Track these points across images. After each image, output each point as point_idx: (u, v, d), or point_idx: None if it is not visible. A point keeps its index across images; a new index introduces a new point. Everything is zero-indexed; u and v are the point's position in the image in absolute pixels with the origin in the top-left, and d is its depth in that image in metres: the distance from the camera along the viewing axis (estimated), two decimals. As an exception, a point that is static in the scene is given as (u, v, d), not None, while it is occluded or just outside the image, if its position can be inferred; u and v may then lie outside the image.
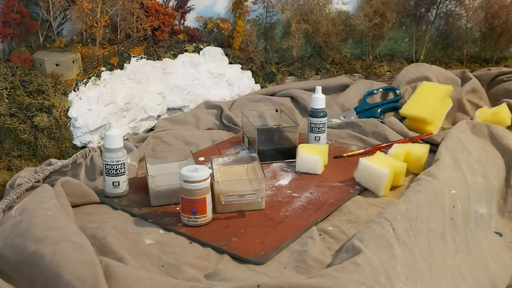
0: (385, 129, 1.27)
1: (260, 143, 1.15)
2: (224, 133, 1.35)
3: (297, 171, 1.10)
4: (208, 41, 1.60)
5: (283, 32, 1.66)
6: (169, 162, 1.05)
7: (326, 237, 0.86)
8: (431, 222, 0.90)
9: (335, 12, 1.63)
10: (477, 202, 1.03)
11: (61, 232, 0.76)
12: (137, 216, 0.93)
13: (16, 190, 0.94)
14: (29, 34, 1.40)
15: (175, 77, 1.47)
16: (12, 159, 1.25)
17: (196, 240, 0.85)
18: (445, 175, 0.98)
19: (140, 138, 1.28)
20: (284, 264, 0.78)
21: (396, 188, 1.02)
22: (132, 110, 1.34)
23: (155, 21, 1.51)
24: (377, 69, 1.64)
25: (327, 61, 1.64)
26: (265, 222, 0.90)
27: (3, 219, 0.85)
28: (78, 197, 0.96)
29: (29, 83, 1.26)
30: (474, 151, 1.11)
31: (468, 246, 1.00)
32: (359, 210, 0.94)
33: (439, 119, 1.33)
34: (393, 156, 1.07)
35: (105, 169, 0.97)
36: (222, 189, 0.91)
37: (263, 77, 1.61)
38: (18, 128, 1.24)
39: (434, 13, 1.67)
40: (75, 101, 1.27)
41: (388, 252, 0.77)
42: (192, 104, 1.47)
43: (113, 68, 1.39)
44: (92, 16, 1.39)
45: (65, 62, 1.30)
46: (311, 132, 1.21)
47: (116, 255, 0.77)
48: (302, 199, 0.98)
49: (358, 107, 1.42)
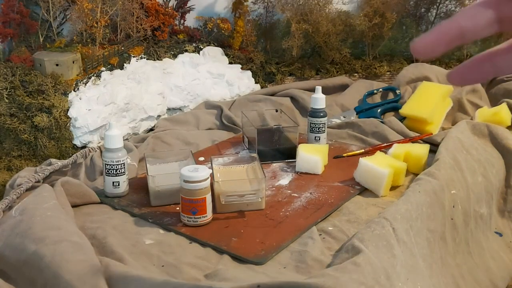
0: (385, 129, 1.27)
1: (260, 143, 1.15)
2: (224, 133, 1.35)
3: (297, 171, 1.10)
4: (208, 41, 1.60)
5: (283, 32, 1.66)
6: (169, 162, 1.05)
7: (326, 237, 0.86)
8: (431, 222, 0.90)
9: (335, 12, 1.63)
10: (477, 202, 1.03)
11: (61, 232, 0.76)
12: (137, 216, 0.93)
13: (16, 190, 0.94)
14: (29, 34, 1.40)
15: (175, 77, 1.47)
16: (12, 159, 1.25)
17: (196, 240, 0.85)
18: (445, 175, 0.98)
19: (140, 138, 1.28)
20: (284, 264, 0.78)
21: (396, 188, 1.02)
22: (132, 110, 1.34)
23: (155, 21, 1.51)
24: (377, 69, 1.64)
25: (327, 61, 1.64)
26: (265, 222, 0.90)
27: (3, 219, 0.85)
28: (78, 197, 0.96)
29: (29, 83, 1.26)
30: (474, 151, 1.11)
31: (468, 246, 1.00)
32: (359, 210, 0.94)
33: (439, 119, 1.33)
34: (393, 156, 1.06)
35: (105, 169, 0.97)
36: (222, 189, 0.91)
37: (263, 77, 1.61)
38: (18, 128, 1.24)
39: (434, 13, 1.67)
40: (75, 101, 1.27)
41: (388, 252, 0.77)
42: (192, 104, 1.47)
43: (113, 68, 1.39)
44: (92, 16, 1.39)
45: (65, 62, 1.30)
46: (311, 132, 1.21)
47: (116, 255, 0.77)
48: (302, 199, 0.98)
49: (358, 107, 1.42)
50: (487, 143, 1.17)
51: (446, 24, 0.31)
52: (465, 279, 0.95)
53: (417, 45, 0.31)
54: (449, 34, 0.31)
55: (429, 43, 0.31)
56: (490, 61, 0.32)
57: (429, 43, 0.31)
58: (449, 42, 0.31)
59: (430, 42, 0.31)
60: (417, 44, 0.31)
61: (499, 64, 0.32)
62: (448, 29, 0.31)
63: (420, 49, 0.31)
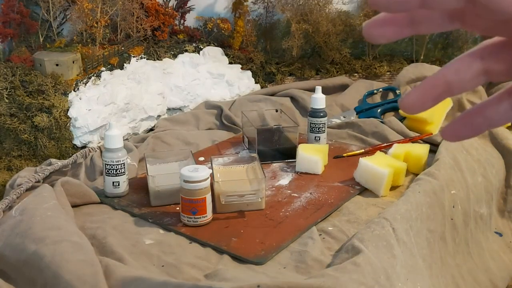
0: (385, 129, 1.27)
1: (260, 143, 1.15)
2: (224, 133, 1.35)
3: (297, 171, 1.10)
4: (208, 41, 1.60)
5: (283, 32, 1.66)
6: (169, 162, 1.05)
7: (326, 237, 0.86)
8: (431, 222, 0.90)
9: (335, 12, 1.63)
10: (477, 202, 1.03)
11: (61, 232, 0.76)
12: (137, 216, 0.93)
13: (16, 190, 0.94)
14: (29, 34, 1.40)
15: (175, 77, 1.47)
16: (12, 159, 1.25)
17: (196, 240, 0.85)
18: (445, 175, 0.98)
19: (140, 138, 1.28)
20: (284, 264, 0.78)
21: (396, 188, 1.02)
22: (132, 110, 1.34)
23: (155, 21, 1.51)
24: (377, 69, 1.64)
25: (327, 61, 1.64)
26: (265, 222, 0.90)
27: (3, 219, 0.85)
28: (78, 197, 0.96)
29: (29, 83, 1.26)
30: (474, 151, 1.11)
31: (468, 246, 1.00)
32: (359, 210, 0.94)
33: (439, 119, 1.33)
34: (393, 156, 1.07)
35: (105, 169, 0.97)
36: (222, 189, 0.91)
37: (263, 77, 1.61)
38: (18, 128, 1.24)
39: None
40: (75, 101, 1.27)
41: (388, 252, 0.77)
42: (192, 104, 1.47)
43: (113, 68, 1.39)
44: (92, 16, 1.39)
45: (65, 62, 1.30)
46: (311, 132, 1.21)
47: (116, 255, 0.77)
48: (302, 199, 0.98)
49: (358, 107, 1.42)
50: (487, 143, 1.17)
51: (432, 80, 0.30)
52: (465, 279, 0.95)
53: (405, 102, 0.31)
54: (435, 90, 0.30)
55: (416, 100, 0.31)
56: (481, 115, 0.31)
57: (416, 100, 0.31)
58: (436, 97, 0.31)
59: (417, 99, 0.31)
60: (404, 101, 0.31)
61: (490, 116, 0.31)
62: (435, 85, 0.30)
63: (408, 106, 0.31)
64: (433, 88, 0.30)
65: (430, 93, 0.30)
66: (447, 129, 0.32)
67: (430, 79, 0.30)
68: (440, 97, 0.30)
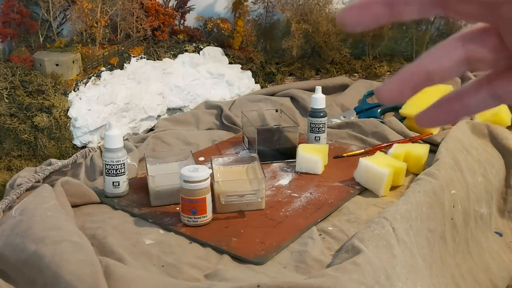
0: (385, 129, 1.27)
1: (260, 143, 1.15)
2: (224, 133, 1.35)
3: (297, 171, 1.10)
4: (208, 41, 1.60)
5: (283, 32, 1.66)
6: (169, 162, 1.05)
7: (326, 237, 0.86)
8: (431, 222, 0.90)
9: (335, 12, 1.63)
10: (477, 202, 1.04)
11: (61, 232, 0.76)
12: (137, 216, 0.93)
13: (16, 190, 0.94)
14: (29, 34, 1.40)
15: (175, 77, 1.47)
16: (12, 159, 1.25)
17: (196, 240, 0.85)
18: (445, 175, 0.98)
19: (140, 138, 1.28)
20: (284, 264, 0.78)
21: (396, 188, 1.02)
22: (132, 110, 1.34)
23: (155, 21, 1.51)
24: (377, 69, 1.64)
25: (327, 61, 1.64)
26: (265, 222, 0.90)
27: (3, 219, 0.85)
28: (78, 197, 0.96)
29: (29, 83, 1.26)
30: (474, 151, 1.11)
31: (468, 246, 1.00)
32: (359, 210, 0.94)
33: (439, 119, 1.33)
34: (393, 156, 1.07)
35: (105, 169, 0.97)
36: (222, 189, 0.91)
37: (263, 77, 1.61)
38: (18, 128, 1.24)
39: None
40: (75, 101, 1.27)
41: (388, 252, 0.77)
42: (192, 104, 1.47)
43: (113, 68, 1.39)
44: (92, 16, 1.39)
45: (65, 62, 1.30)
46: (311, 132, 1.21)
47: (116, 255, 0.77)
48: (302, 199, 0.98)
49: (358, 107, 1.42)
50: (487, 143, 1.17)
51: (411, 69, 0.29)
52: (465, 279, 0.95)
53: (382, 92, 0.29)
54: (414, 79, 0.29)
55: (394, 90, 0.29)
56: (459, 102, 0.30)
57: (394, 89, 0.29)
58: (415, 87, 0.29)
59: (395, 89, 0.29)
60: (381, 90, 0.29)
61: (468, 104, 0.30)
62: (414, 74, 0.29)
63: (386, 96, 0.29)
64: (412, 78, 0.29)
65: (409, 82, 0.29)
66: (423, 114, 0.31)
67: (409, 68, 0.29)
68: (420, 86, 0.29)
